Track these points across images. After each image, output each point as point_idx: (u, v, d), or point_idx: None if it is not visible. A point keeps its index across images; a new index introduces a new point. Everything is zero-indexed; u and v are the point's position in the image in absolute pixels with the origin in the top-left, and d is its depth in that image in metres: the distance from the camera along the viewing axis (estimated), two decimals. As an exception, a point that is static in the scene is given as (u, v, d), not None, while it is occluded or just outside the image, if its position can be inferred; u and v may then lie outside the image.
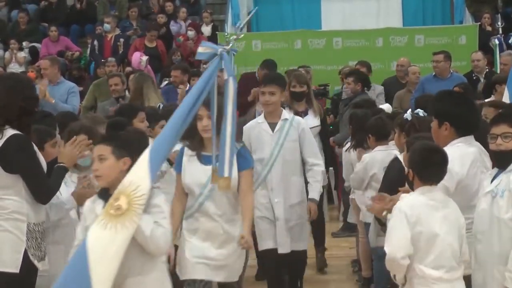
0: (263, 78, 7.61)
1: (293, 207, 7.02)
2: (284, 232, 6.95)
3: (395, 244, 4.65)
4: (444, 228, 4.65)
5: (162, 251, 4.43)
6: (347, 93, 10.28)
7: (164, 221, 4.35)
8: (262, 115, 7.11)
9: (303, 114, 8.15)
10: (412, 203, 4.68)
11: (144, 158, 4.07)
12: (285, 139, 6.92)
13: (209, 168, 4.99)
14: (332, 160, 10.17)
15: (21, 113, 4.92)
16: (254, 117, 7.82)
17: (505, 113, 5.05)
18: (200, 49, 4.44)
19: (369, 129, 7.15)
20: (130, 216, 3.99)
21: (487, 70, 11.82)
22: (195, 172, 5.47)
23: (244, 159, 5.51)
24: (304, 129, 7.02)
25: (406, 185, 4.96)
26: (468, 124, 5.21)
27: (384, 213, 5.12)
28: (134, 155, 4.25)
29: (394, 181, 5.82)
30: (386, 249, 4.71)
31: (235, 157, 4.75)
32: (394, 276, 4.79)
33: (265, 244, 6.99)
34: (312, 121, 8.19)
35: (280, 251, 6.95)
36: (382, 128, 6.97)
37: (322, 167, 7.13)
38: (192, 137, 5.54)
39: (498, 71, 11.65)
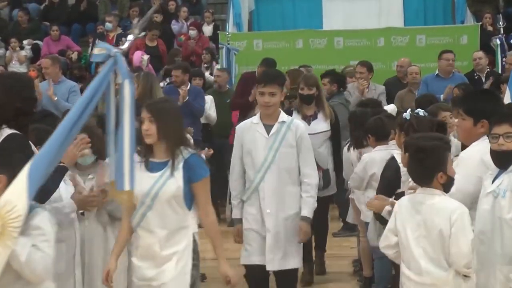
0: (261, 76, 6.73)
1: (286, 220, 6.32)
2: (274, 247, 6.26)
3: (382, 234, 4.86)
4: (418, 232, 4.66)
5: (40, 278, 3.98)
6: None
7: (45, 244, 3.92)
8: (258, 115, 6.42)
9: (311, 118, 7.94)
10: (400, 201, 4.80)
11: (23, 174, 3.71)
12: (281, 143, 6.24)
13: (156, 176, 4.86)
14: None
15: (18, 113, 4.88)
16: None
17: (507, 113, 5.03)
18: (95, 51, 4.10)
19: (368, 129, 7.14)
20: (3, 240, 3.67)
21: (488, 69, 11.82)
22: (141, 180, 4.71)
23: (195, 169, 4.94)
24: (302, 135, 6.33)
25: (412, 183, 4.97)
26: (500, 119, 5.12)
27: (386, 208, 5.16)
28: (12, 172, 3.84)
29: (390, 180, 5.91)
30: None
31: (135, 168, 4.18)
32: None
33: (251, 259, 6.33)
34: (321, 125, 7.94)
35: (268, 268, 6.32)
36: (381, 128, 6.94)
37: (316, 180, 6.39)
38: (140, 142, 4.95)
39: (500, 71, 11.67)
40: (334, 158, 8.05)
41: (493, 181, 4.88)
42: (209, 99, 10.72)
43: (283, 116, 6.34)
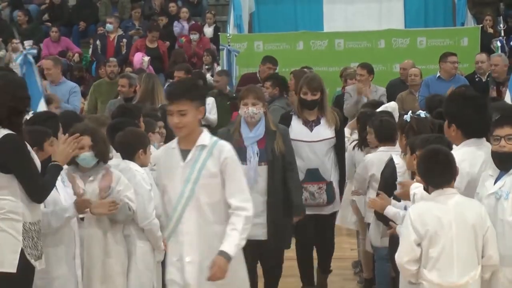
0: (167, 92, 5.28)
1: None
2: None
3: (401, 249, 4.77)
4: (453, 232, 4.67)
5: None
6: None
7: None
8: (176, 138, 5.07)
9: (314, 123, 7.44)
10: (419, 210, 4.75)
11: None
12: (200, 173, 4.87)
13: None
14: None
15: (11, 112, 4.91)
16: (239, 125, 6.83)
17: (509, 115, 5.04)
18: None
19: (374, 127, 7.14)
20: None
21: (489, 71, 11.81)
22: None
23: None
24: (228, 159, 4.88)
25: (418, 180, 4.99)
26: (474, 127, 5.16)
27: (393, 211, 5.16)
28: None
29: (387, 180, 5.95)
30: (395, 255, 4.82)
31: None
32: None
33: None
34: (324, 132, 7.40)
35: None
36: (384, 129, 6.94)
37: (249, 212, 4.88)
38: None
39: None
40: (339, 168, 7.57)
41: (495, 183, 4.90)
42: (210, 101, 10.72)
43: (204, 138, 4.95)
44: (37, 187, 4.95)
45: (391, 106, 8.56)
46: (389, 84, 11.85)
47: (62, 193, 5.31)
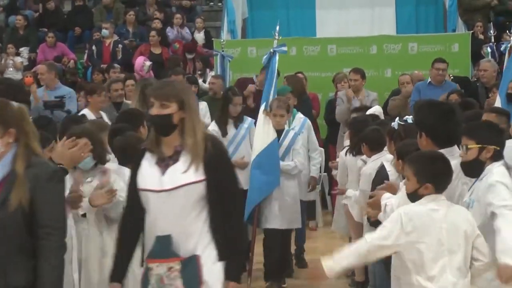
0: None
1: None
2: None
3: (379, 234, 4.65)
4: (446, 239, 4.59)
5: None
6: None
7: None
8: None
9: (170, 161, 4.37)
10: (412, 214, 4.61)
11: None
12: None
13: None
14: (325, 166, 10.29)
15: None
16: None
17: (467, 126, 5.04)
18: None
19: (364, 139, 7.20)
20: None
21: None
22: None
23: None
24: None
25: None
26: (442, 135, 5.04)
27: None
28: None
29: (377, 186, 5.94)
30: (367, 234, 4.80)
31: None
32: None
33: None
34: (186, 174, 4.29)
35: None
36: (377, 139, 6.98)
37: None
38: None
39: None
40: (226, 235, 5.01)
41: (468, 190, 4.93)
42: (203, 105, 10.79)
43: None
44: None
45: (377, 110, 8.71)
46: (394, 92, 11.82)
47: None
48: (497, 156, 4.83)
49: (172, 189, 4.25)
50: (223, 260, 4.27)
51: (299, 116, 9.14)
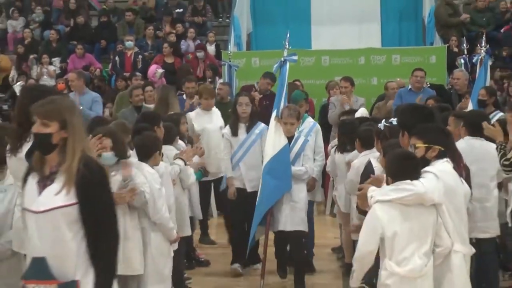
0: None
1: None
2: None
3: (366, 240, 4.68)
4: (415, 227, 4.62)
5: None
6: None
7: None
8: None
9: (48, 181, 3.76)
10: (384, 208, 4.64)
11: None
12: None
13: None
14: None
15: None
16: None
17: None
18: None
19: (357, 136, 7.16)
20: None
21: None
22: None
23: None
24: None
25: None
26: None
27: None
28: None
29: (365, 180, 5.93)
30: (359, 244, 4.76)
31: None
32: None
33: None
34: (57, 196, 3.69)
35: None
36: (369, 138, 6.92)
37: None
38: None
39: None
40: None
41: None
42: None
43: None
44: None
45: (363, 112, 8.70)
46: (377, 99, 11.84)
47: None
48: (442, 156, 4.83)
49: (45, 211, 3.64)
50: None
51: (309, 120, 8.54)
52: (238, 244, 8.04)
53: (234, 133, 8.15)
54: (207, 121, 9.15)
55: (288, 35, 8.20)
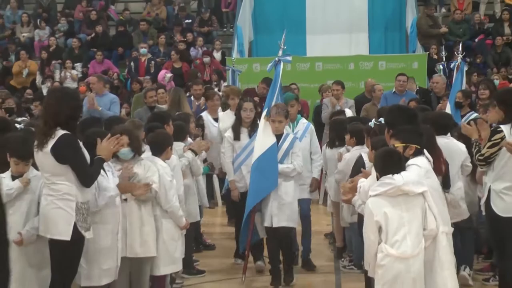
0: None
1: None
2: None
3: (368, 230, 4.73)
4: (406, 215, 4.67)
5: None
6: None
7: None
8: None
9: None
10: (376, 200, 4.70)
11: None
12: None
13: None
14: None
15: (68, 118, 4.94)
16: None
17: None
18: None
19: (352, 133, 7.16)
20: None
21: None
22: None
23: None
24: None
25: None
26: None
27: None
28: None
29: (356, 173, 5.91)
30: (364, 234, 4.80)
31: None
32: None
33: None
34: None
35: None
36: (362, 135, 6.91)
37: None
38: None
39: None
40: None
41: None
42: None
43: None
44: (86, 175, 4.98)
45: (349, 113, 8.72)
46: (356, 98, 11.88)
47: (111, 181, 5.33)
48: (418, 153, 4.88)
49: None
50: None
51: (303, 121, 7.88)
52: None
53: (237, 137, 7.56)
54: None
55: (284, 36, 8.01)
